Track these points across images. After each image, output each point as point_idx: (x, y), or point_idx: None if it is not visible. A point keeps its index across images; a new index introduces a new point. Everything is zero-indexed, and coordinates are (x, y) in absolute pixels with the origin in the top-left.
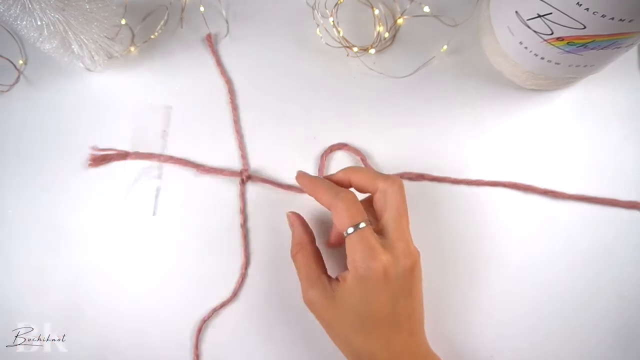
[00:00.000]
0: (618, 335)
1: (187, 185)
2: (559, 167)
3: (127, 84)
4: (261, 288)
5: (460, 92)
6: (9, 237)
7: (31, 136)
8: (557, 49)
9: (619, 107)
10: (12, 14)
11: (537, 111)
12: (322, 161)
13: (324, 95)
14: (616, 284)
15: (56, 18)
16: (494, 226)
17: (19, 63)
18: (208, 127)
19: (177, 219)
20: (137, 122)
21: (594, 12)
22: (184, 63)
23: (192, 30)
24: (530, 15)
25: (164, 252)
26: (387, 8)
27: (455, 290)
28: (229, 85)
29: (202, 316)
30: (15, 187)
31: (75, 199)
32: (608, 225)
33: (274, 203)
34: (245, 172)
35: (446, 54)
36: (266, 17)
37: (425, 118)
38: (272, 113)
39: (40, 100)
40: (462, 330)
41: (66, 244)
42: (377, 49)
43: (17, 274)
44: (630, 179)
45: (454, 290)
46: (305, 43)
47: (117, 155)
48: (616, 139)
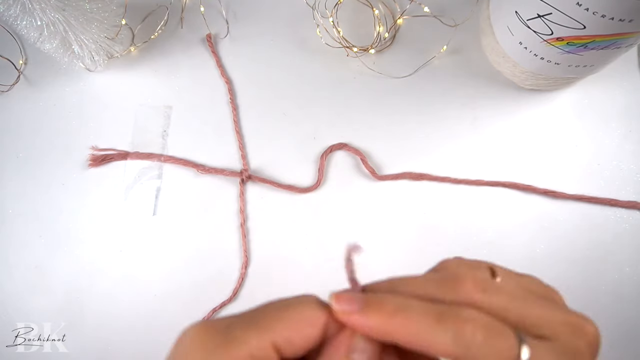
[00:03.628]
0: (617, 335)
1: (187, 185)
2: (559, 167)
3: (127, 84)
4: (261, 288)
5: (460, 92)
6: (9, 237)
7: (31, 136)
8: (557, 49)
9: (618, 107)
10: (12, 14)
11: (537, 111)
12: (322, 161)
13: (324, 95)
14: (615, 284)
15: (56, 18)
16: (494, 226)
17: (19, 63)
18: (208, 127)
19: (177, 219)
20: (137, 122)
21: (594, 12)
22: (184, 63)
23: (192, 30)
24: (530, 15)
25: (164, 252)
26: (387, 8)
27: None
28: (229, 85)
29: (202, 316)
30: (15, 187)
31: (75, 199)
32: (608, 225)
33: (274, 203)
34: (245, 172)
35: (446, 54)
36: (266, 18)
37: (425, 118)
38: (272, 113)
39: (40, 100)
40: None
41: (66, 244)
42: (377, 49)
43: (17, 274)
44: (630, 179)
45: None
46: (305, 43)
47: (117, 155)
48: (616, 139)
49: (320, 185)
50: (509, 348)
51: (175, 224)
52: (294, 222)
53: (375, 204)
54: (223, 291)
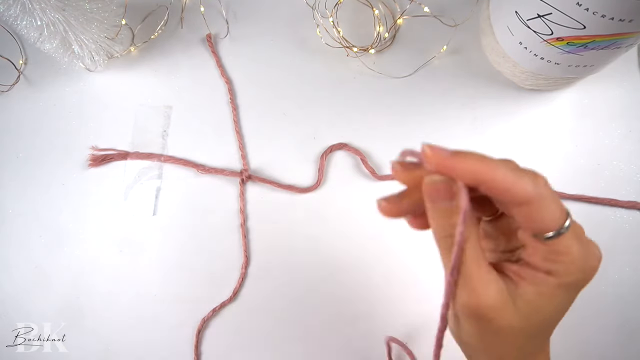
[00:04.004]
0: (618, 335)
1: (187, 185)
2: (559, 167)
3: (127, 84)
4: (261, 288)
5: (460, 92)
6: (9, 237)
7: (31, 136)
8: (557, 49)
9: (618, 107)
10: (12, 14)
11: (537, 111)
12: (322, 161)
13: (324, 95)
14: (616, 284)
15: (56, 18)
16: None
17: (19, 63)
18: (208, 127)
19: (177, 219)
20: (137, 122)
21: (594, 12)
22: (184, 63)
23: (192, 30)
24: (530, 15)
25: (164, 252)
26: (387, 8)
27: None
28: (229, 85)
29: (203, 316)
30: (15, 187)
31: (75, 198)
32: (608, 225)
33: (274, 203)
34: (245, 172)
35: (446, 54)
36: (266, 18)
37: (425, 118)
38: (272, 113)
39: (40, 100)
40: None
41: (66, 244)
42: (377, 49)
43: (17, 273)
44: (630, 179)
45: None
46: (305, 43)
47: (117, 155)
48: (616, 139)
49: (320, 185)
50: (562, 211)
51: (175, 224)
52: (293, 222)
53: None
54: (223, 291)
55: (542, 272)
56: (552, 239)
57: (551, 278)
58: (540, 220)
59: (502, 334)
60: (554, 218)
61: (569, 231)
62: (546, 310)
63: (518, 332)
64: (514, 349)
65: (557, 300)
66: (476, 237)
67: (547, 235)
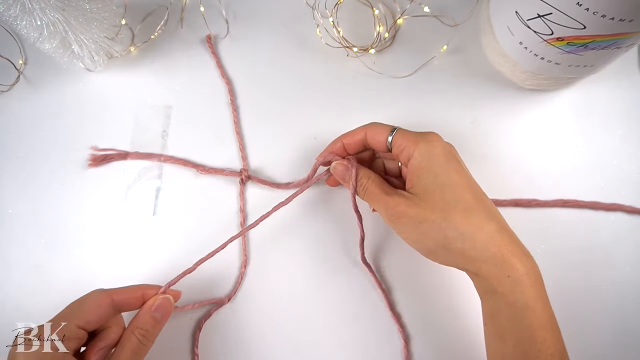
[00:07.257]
0: (618, 335)
1: (187, 185)
2: (559, 167)
3: (127, 84)
4: (260, 288)
5: (460, 92)
6: (9, 237)
7: (31, 136)
8: (557, 49)
9: (618, 107)
10: (12, 14)
11: (537, 111)
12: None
13: (324, 95)
14: (616, 285)
15: (56, 18)
16: None
17: (19, 63)
18: (208, 127)
19: (177, 219)
20: (137, 122)
21: (594, 12)
22: (184, 63)
23: (192, 30)
24: (530, 15)
25: (163, 252)
26: (387, 8)
27: (455, 290)
28: (229, 86)
29: (202, 316)
30: (15, 187)
31: (75, 199)
32: (608, 225)
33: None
34: (245, 172)
35: (446, 54)
36: (266, 17)
37: (425, 118)
38: (272, 113)
39: (40, 100)
40: (461, 331)
41: (66, 244)
42: (377, 49)
43: (17, 273)
44: (631, 179)
45: (452, 291)
46: (305, 43)
47: (117, 155)
48: (616, 139)
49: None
50: (385, 127)
51: (175, 224)
52: (293, 222)
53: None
54: (223, 290)
55: (405, 166)
56: (391, 144)
57: (411, 161)
58: (373, 136)
59: (411, 221)
60: (382, 131)
61: (396, 134)
62: (429, 183)
63: (429, 209)
64: (435, 224)
65: (430, 170)
66: (375, 177)
67: (388, 144)
